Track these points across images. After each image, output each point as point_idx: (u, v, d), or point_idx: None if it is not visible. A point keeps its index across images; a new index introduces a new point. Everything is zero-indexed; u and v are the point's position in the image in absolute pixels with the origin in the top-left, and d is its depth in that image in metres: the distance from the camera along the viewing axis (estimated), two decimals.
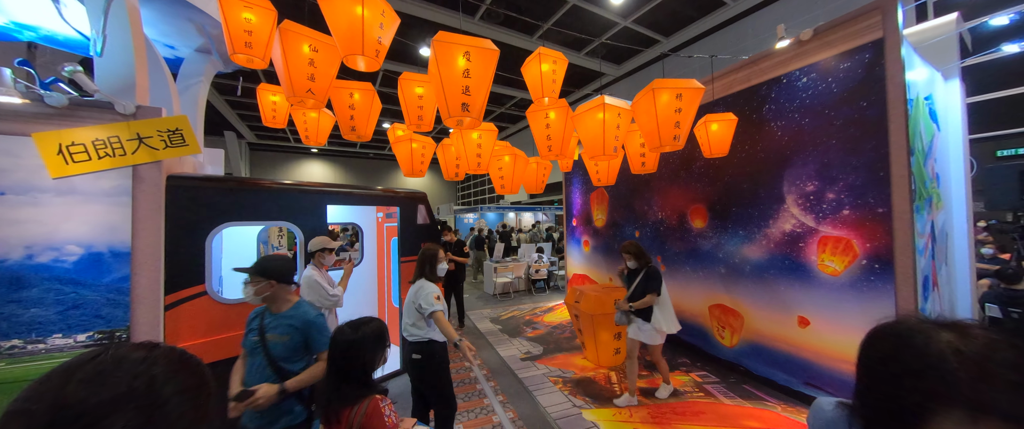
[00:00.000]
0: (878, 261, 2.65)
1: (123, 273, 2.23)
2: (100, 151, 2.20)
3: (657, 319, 3.12)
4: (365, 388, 1.15)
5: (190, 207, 2.49)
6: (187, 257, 2.47)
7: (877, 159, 2.65)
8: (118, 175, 2.24)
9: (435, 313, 2.32)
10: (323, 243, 2.93)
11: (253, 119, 14.68)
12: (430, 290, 2.39)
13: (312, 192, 3.12)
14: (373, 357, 1.23)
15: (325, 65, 2.50)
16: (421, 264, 2.53)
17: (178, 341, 2.39)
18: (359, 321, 1.30)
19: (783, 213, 3.27)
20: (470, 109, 2.26)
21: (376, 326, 1.29)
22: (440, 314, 2.34)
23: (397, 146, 3.77)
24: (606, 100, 2.66)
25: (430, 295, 2.35)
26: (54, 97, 2.12)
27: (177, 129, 2.41)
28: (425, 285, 2.43)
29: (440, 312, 2.34)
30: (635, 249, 3.25)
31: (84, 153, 2.17)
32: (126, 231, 2.25)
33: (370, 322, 1.30)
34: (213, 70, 3.77)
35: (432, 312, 2.32)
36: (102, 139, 2.20)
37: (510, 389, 3.51)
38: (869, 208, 2.70)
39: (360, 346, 1.21)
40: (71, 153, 2.14)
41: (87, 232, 2.16)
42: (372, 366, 1.22)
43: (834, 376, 2.94)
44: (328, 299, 2.72)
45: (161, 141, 2.36)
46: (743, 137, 3.54)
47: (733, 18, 8.04)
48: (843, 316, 2.87)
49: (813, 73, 3.03)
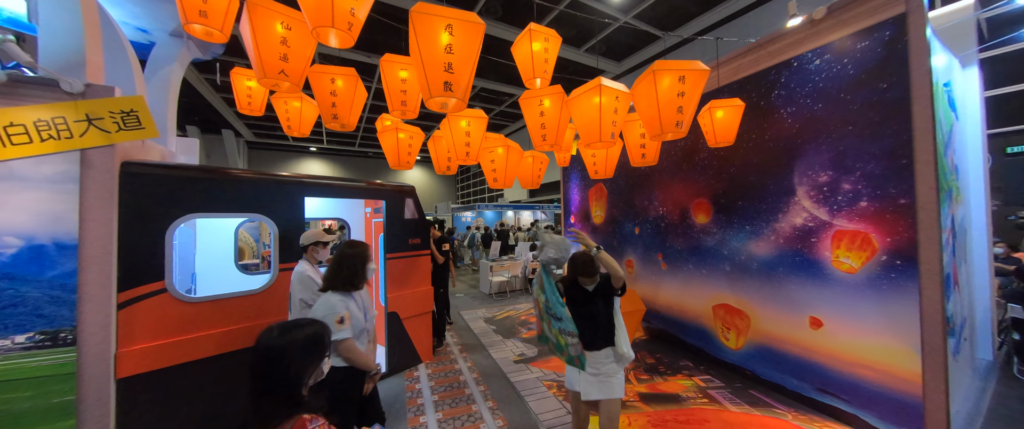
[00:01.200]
0: (900, 257, 2.43)
1: (69, 268, 2.03)
2: (43, 133, 2.00)
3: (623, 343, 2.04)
4: (290, 405, 0.93)
5: (148, 196, 2.28)
6: (144, 251, 2.26)
7: (898, 145, 2.43)
8: (63, 160, 2.04)
9: (341, 344, 1.78)
10: (316, 236, 2.73)
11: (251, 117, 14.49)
12: (330, 310, 1.77)
13: (288, 183, 2.91)
14: (302, 368, 1.01)
15: (300, 45, 2.30)
16: (336, 269, 1.90)
17: (133, 343, 2.19)
18: (292, 322, 1.07)
19: (794, 206, 3.05)
20: (453, 88, 2.05)
21: (311, 331, 1.06)
22: (349, 343, 1.80)
23: (383, 136, 3.56)
24: (603, 82, 2.44)
25: (331, 318, 1.74)
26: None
27: (132, 110, 2.20)
28: (326, 301, 1.81)
29: (347, 342, 1.79)
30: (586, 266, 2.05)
31: (25, 135, 1.96)
32: (72, 222, 2.04)
33: (306, 325, 1.07)
34: (188, 56, 3.57)
35: (336, 340, 1.75)
36: (45, 120, 2.00)
37: (501, 394, 3.29)
38: (890, 199, 2.47)
39: (285, 353, 0.99)
40: (9, 135, 1.93)
41: (27, 222, 1.96)
42: (301, 378, 1.00)
43: (850, 382, 2.71)
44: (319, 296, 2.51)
45: (114, 123, 2.16)
46: (750, 125, 3.32)
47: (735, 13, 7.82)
48: (860, 317, 2.64)
49: (827, 54, 2.81)
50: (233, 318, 2.58)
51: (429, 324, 4.13)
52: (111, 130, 2.14)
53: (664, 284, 4.43)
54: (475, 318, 5.83)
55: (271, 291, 2.75)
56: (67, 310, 2.02)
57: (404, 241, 3.85)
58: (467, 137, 3.08)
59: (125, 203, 2.19)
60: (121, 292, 2.17)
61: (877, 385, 2.57)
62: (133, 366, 2.17)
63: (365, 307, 2.03)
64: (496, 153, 3.74)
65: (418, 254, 3.99)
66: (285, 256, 2.84)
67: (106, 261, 2.10)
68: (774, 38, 3.18)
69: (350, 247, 2.01)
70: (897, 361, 2.46)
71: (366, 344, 1.99)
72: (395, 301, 3.71)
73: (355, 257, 1.96)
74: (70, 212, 2.04)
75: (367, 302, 2.08)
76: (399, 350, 3.75)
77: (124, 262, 2.18)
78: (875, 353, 2.58)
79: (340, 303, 1.83)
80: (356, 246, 2.02)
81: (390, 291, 3.69)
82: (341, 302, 1.84)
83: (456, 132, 3.06)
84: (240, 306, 2.62)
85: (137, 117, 2.20)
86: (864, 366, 2.65)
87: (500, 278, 7.56)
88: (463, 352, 4.36)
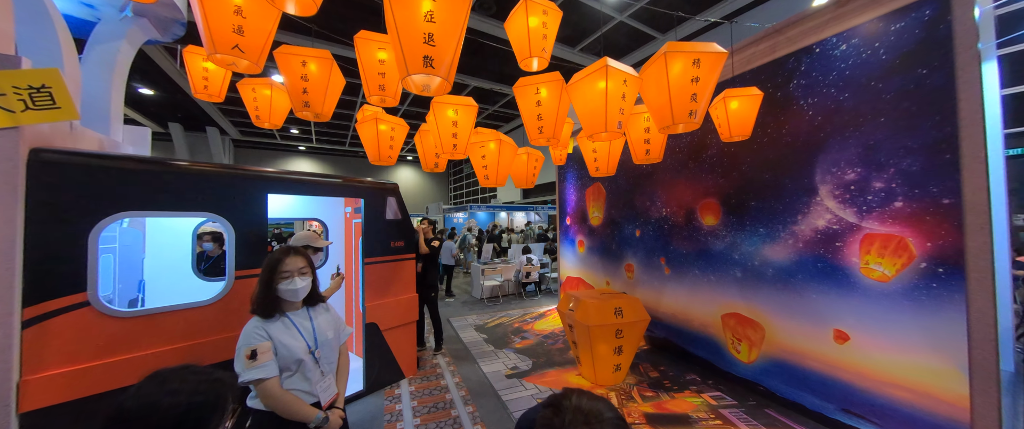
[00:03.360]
0: (942, 264, 2.15)
1: None
2: None
3: None
4: None
5: (66, 190, 1.89)
6: (60, 257, 1.87)
7: (941, 139, 2.16)
8: None
9: (257, 386, 1.33)
10: (308, 239, 2.38)
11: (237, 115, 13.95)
12: (242, 340, 1.36)
13: (247, 177, 2.54)
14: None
15: (258, 15, 1.95)
16: (258, 283, 1.47)
17: (42, 369, 1.80)
18: (175, 374, 0.72)
19: (815, 207, 2.77)
20: (435, 65, 1.71)
21: (204, 390, 0.71)
22: (268, 385, 1.32)
23: (362, 127, 3.21)
24: (609, 63, 2.13)
25: (241, 350, 1.33)
26: None
27: (44, 86, 1.81)
28: (244, 331, 1.39)
29: (266, 383, 1.32)
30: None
31: None
32: None
33: (193, 380, 0.72)
34: (141, 35, 3.17)
35: (246, 382, 1.31)
36: None
37: (491, 416, 2.95)
38: (931, 199, 2.20)
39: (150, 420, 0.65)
40: None
41: None
42: None
43: (881, 402, 2.43)
44: None
45: (19, 101, 1.77)
46: (765, 119, 3.04)
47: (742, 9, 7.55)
48: (893, 330, 2.36)
49: (855, 38, 2.54)
50: (177, 335, 2.20)
51: (413, 335, 3.77)
52: (16, 109, 1.75)
53: (668, 290, 4.14)
54: (465, 326, 5.47)
55: (225, 302, 2.37)
56: None
57: (385, 244, 3.49)
58: (455, 128, 2.75)
59: (35, 198, 1.80)
60: (28, 306, 1.78)
61: (913, 407, 2.29)
62: (42, 397, 1.78)
63: (315, 329, 1.53)
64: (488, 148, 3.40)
65: (401, 258, 3.63)
66: (243, 262, 2.47)
67: (8, 268, 1.71)
68: (793, 23, 2.91)
69: (267, 256, 1.51)
70: (939, 381, 2.18)
71: (311, 381, 1.46)
72: (374, 311, 3.34)
73: (264, 269, 1.46)
74: None
75: (327, 321, 1.60)
76: (378, 365, 3.38)
77: (32, 270, 1.79)
78: (911, 371, 2.29)
79: (255, 331, 1.37)
80: (270, 255, 1.51)
81: (369, 300, 3.32)
82: (256, 330, 1.37)
83: (442, 123, 2.73)
84: (186, 320, 2.23)
85: (50, 94, 1.81)
86: (898, 386, 2.36)
87: (492, 282, 7.21)
88: (451, 365, 4.01)
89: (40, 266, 1.81)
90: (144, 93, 11.08)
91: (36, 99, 1.79)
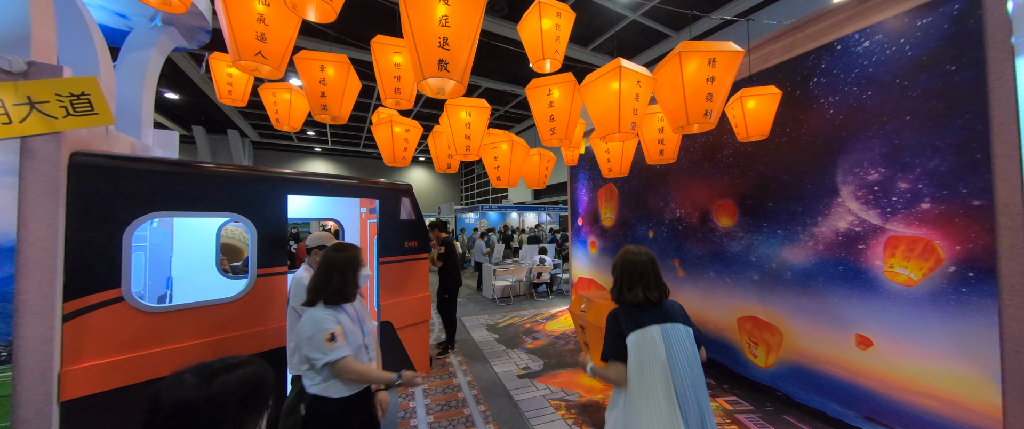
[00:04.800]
0: (973, 268, 2.07)
1: (4, 274, 1.75)
2: None
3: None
4: None
5: (102, 192, 2.00)
6: (97, 254, 1.98)
7: (971, 137, 2.07)
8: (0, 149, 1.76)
9: (337, 364, 1.50)
10: (323, 239, 2.44)
11: (257, 117, 14.40)
12: (317, 327, 1.49)
13: (268, 179, 2.63)
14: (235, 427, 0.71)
15: (279, 22, 2.02)
16: (324, 277, 1.61)
17: (81, 360, 1.91)
18: (215, 365, 0.75)
19: (836, 208, 2.69)
20: (450, 68, 1.75)
21: (245, 373, 0.76)
22: (347, 362, 1.51)
23: (377, 129, 3.28)
24: (622, 64, 2.13)
25: (318, 337, 1.47)
26: None
27: (83, 93, 1.93)
28: (312, 317, 1.53)
29: (345, 360, 1.50)
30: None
31: None
32: (10, 220, 1.76)
33: (235, 367, 0.76)
34: (170, 43, 3.32)
35: (327, 364, 1.48)
36: None
37: (503, 415, 2.97)
38: (960, 200, 2.11)
39: (210, 412, 0.69)
40: None
41: None
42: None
43: (907, 411, 2.34)
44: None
45: (61, 108, 1.88)
46: (783, 118, 2.97)
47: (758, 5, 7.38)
48: (920, 336, 2.28)
49: (878, 34, 2.46)
50: (203, 330, 2.30)
51: (426, 334, 3.82)
52: (57, 115, 1.86)
53: (682, 293, 4.08)
54: (477, 326, 5.51)
55: (248, 299, 2.46)
56: (2, 323, 1.74)
57: (400, 244, 3.55)
58: (467, 129, 2.79)
59: (74, 199, 1.91)
60: (68, 301, 1.89)
61: (942, 416, 2.20)
62: (81, 387, 1.89)
63: (361, 319, 1.76)
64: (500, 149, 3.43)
65: (415, 258, 3.69)
66: (265, 260, 2.55)
67: (49, 266, 1.82)
68: (813, 19, 2.84)
69: (338, 251, 1.73)
70: (969, 390, 2.10)
71: (367, 362, 1.70)
72: (389, 309, 3.41)
73: (346, 262, 1.69)
74: (7, 209, 1.76)
75: (363, 313, 1.82)
76: (393, 363, 3.44)
77: (72, 267, 1.90)
78: (940, 379, 2.21)
79: (329, 317, 1.54)
80: (346, 250, 1.75)
81: (384, 298, 3.39)
82: (330, 316, 1.55)
83: (455, 124, 2.77)
84: (212, 316, 2.33)
85: (89, 101, 1.93)
86: (925, 394, 2.28)
87: (504, 282, 7.23)
88: (463, 364, 4.05)
89: (79, 263, 1.92)
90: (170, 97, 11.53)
91: (76, 106, 1.91)
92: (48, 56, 1.98)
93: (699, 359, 1.49)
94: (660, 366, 1.41)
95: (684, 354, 1.44)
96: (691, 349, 1.48)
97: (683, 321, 1.53)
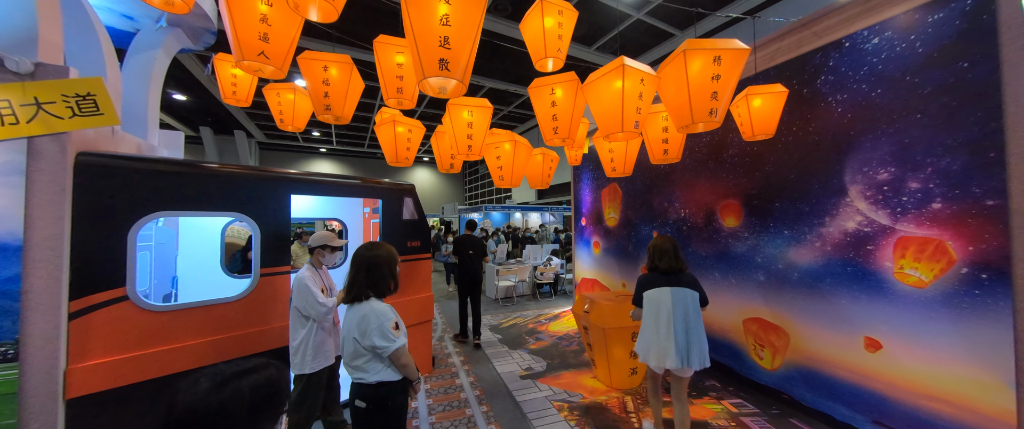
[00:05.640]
0: (986, 270, 2.02)
1: (11, 272, 1.77)
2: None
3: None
4: None
5: (108, 192, 2.02)
6: (102, 253, 2.00)
7: (984, 136, 2.02)
8: (7, 149, 1.79)
9: (395, 351, 1.67)
10: (325, 239, 2.44)
11: (263, 118, 14.51)
12: (383, 318, 1.67)
13: (271, 179, 2.64)
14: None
15: (282, 22, 2.03)
16: (367, 272, 1.76)
17: (86, 359, 1.92)
18: (229, 370, 0.75)
19: (845, 208, 2.65)
20: (451, 67, 1.74)
21: (259, 381, 0.74)
22: (406, 348, 1.72)
23: (380, 129, 3.28)
24: (626, 62, 2.10)
25: (386, 326, 1.66)
26: None
27: (89, 94, 1.94)
28: (375, 310, 1.69)
29: (405, 346, 1.70)
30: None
31: None
32: (17, 220, 1.79)
33: (250, 372, 0.75)
34: (175, 45, 3.34)
35: (392, 351, 1.65)
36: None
37: (505, 416, 2.95)
38: (973, 200, 2.06)
39: (222, 417, 0.68)
40: None
41: None
42: None
43: (917, 416, 2.30)
44: (316, 308, 2.20)
45: (67, 108, 1.90)
46: (790, 117, 2.93)
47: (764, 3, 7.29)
48: (931, 339, 2.23)
49: (888, 31, 2.42)
50: (208, 329, 2.31)
51: (429, 334, 3.82)
52: (64, 116, 1.88)
53: None
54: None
55: (251, 298, 2.47)
56: (9, 321, 1.76)
57: (402, 244, 3.54)
58: (470, 129, 2.78)
59: (80, 199, 1.93)
60: (73, 300, 1.90)
61: (954, 422, 2.15)
62: (86, 385, 1.91)
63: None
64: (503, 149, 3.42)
65: (417, 258, 3.68)
66: (268, 260, 2.56)
67: (56, 265, 1.84)
68: (820, 16, 2.79)
69: (371, 250, 1.86)
70: (982, 395, 2.05)
71: None
72: None
73: (390, 258, 1.87)
74: (14, 208, 1.79)
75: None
76: None
77: (78, 266, 1.92)
78: (951, 383, 2.16)
79: (390, 309, 1.74)
80: (379, 247, 1.90)
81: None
82: (389, 308, 1.75)
83: (458, 124, 2.76)
84: (216, 315, 2.34)
85: (95, 101, 1.94)
86: (935, 398, 2.23)
87: (507, 283, 7.22)
88: (466, 364, 4.04)
89: (84, 262, 1.94)
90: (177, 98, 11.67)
91: (82, 106, 1.92)
92: (55, 57, 2.00)
93: (699, 311, 2.34)
94: (665, 313, 2.33)
95: (683, 307, 2.32)
96: (692, 305, 2.33)
97: (691, 286, 2.37)
